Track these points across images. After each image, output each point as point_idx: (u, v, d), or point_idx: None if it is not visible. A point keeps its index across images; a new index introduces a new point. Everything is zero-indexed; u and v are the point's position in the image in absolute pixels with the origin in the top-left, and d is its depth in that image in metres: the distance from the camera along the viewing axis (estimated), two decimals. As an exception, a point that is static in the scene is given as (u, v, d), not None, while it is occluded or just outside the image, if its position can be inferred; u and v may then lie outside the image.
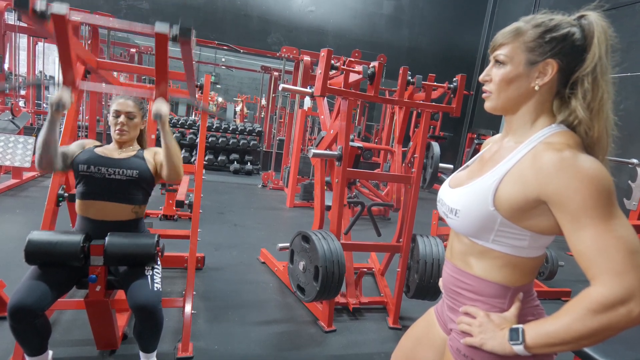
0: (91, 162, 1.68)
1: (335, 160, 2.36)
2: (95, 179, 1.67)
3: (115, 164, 1.70)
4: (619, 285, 0.68)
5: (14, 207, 3.93)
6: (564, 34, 0.81)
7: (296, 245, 2.29)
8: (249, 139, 7.40)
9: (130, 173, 1.70)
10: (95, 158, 1.69)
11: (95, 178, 1.67)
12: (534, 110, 0.86)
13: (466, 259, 0.91)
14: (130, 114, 1.77)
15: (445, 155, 5.46)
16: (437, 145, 4.22)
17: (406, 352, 1.15)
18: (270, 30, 7.76)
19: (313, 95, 2.42)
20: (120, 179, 1.69)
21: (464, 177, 0.95)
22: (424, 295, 2.39)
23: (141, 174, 1.73)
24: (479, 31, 8.90)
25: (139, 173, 1.72)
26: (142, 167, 1.74)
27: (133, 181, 1.71)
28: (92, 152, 1.73)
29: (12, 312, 1.42)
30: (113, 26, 1.88)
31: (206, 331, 2.21)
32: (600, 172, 0.72)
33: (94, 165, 1.67)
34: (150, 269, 1.66)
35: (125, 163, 1.72)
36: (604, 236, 0.70)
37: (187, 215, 4.11)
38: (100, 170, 1.67)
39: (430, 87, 2.67)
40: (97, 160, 1.69)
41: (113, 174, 1.68)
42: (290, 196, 5.44)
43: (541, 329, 0.76)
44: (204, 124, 2.48)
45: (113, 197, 1.69)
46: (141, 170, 1.73)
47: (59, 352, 1.86)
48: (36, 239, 1.53)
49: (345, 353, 2.20)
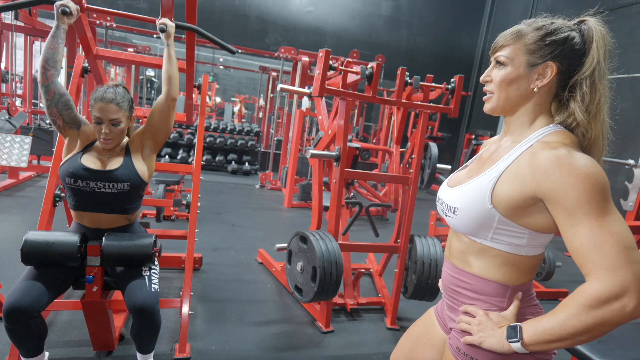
0: (78, 176, 1.56)
1: (333, 161, 2.36)
2: (84, 192, 1.59)
3: (105, 178, 1.59)
4: (613, 280, 0.69)
5: (10, 207, 3.91)
6: (564, 37, 0.83)
7: (294, 245, 2.28)
8: (247, 139, 7.39)
9: (122, 186, 1.61)
10: (81, 172, 1.57)
11: (84, 192, 1.59)
12: (532, 111, 0.88)
13: (465, 258, 0.92)
14: (114, 120, 1.58)
15: (443, 156, 5.47)
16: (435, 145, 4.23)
17: (406, 352, 1.16)
18: (268, 30, 7.75)
19: (311, 96, 2.42)
20: (111, 192, 1.61)
21: (462, 176, 0.96)
22: (422, 296, 2.39)
23: (132, 184, 1.64)
24: (477, 32, 8.92)
25: (130, 185, 1.63)
26: (132, 176, 1.64)
27: (124, 192, 1.63)
28: (78, 163, 1.58)
29: (7, 312, 1.41)
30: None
31: (203, 332, 2.21)
32: (595, 169, 0.74)
33: (81, 179, 1.57)
34: (147, 269, 1.65)
35: (114, 176, 1.60)
36: (598, 232, 0.71)
37: (184, 216, 4.11)
38: (89, 184, 1.58)
39: (428, 87, 2.68)
40: (84, 174, 1.57)
41: (103, 188, 1.59)
42: (288, 196, 5.43)
43: (538, 326, 0.77)
44: (202, 124, 2.47)
45: (105, 209, 1.64)
46: (132, 180, 1.64)
47: (55, 353, 1.86)
48: (32, 239, 1.52)
49: (343, 354, 2.20)
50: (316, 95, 2.27)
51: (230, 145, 7.26)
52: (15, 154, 3.77)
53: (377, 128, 8.18)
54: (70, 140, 1.67)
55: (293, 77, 6.38)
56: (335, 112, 2.81)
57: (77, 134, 1.67)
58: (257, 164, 7.63)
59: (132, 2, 7.00)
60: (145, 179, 1.70)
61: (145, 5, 7.05)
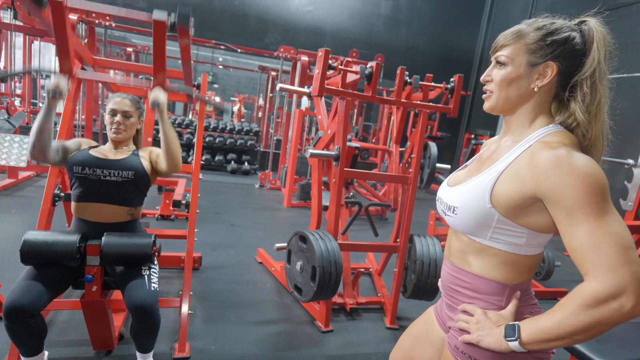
0: (86, 163, 1.65)
1: (333, 160, 2.36)
2: (91, 181, 1.65)
3: (111, 165, 1.67)
4: (611, 280, 0.69)
5: (9, 206, 3.91)
6: (565, 37, 0.83)
7: (293, 245, 2.28)
8: (247, 138, 7.39)
9: (126, 174, 1.68)
10: (90, 159, 1.67)
11: (91, 180, 1.65)
12: (532, 110, 0.88)
13: (465, 257, 0.93)
14: (127, 112, 1.74)
15: (442, 155, 5.47)
16: (435, 145, 4.23)
17: (405, 351, 1.16)
18: (268, 29, 7.75)
19: (310, 95, 2.42)
20: (116, 181, 1.67)
21: (462, 176, 0.97)
22: (421, 296, 2.40)
23: (137, 174, 1.71)
24: (477, 32, 8.91)
25: (134, 174, 1.70)
26: (137, 167, 1.72)
27: (129, 182, 1.69)
28: (87, 153, 1.70)
29: (7, 312, 1.41)
30: (111, 12, 1.87)
31: (203, 331, 2.21)
32: (594, 169, 0.74)
33: (88, 167, 1.65)
34: (147, 269, 1.66)
35: (120, 164, 1.69)
36: (597, 232, 0.72)
37: (184, 215, 4.11)
38: (96, 171, 1.65)
39: (428, 87, 2.68)
40: (92, 161, 1.66)
41: (108, 176, 1.66)
42: (288, 196, 5.43)
43: (536, 325, 0.78)
44: (201, 123, 2.47)
45: (109, 199, 1.68)
46: (137, 170, 1.71)
47: (54, 352, 1.86)
48: (32, 239, 1.52)
49: (343, 353, 2.20)
50: (315, 95, 2.27)
51: (229, 145, 7.26)
52: (14, 154, 3.76)
53: (377, 127, 8.18)
54: None
55: (292, 76, 6.38)
56: (335, 111, 2.81)
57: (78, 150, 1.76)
58: (257, 163, 7.63)
59: (131, 1, 7.00)
60: (149, 174, 1.77)
61: (144, 5, 7.05)
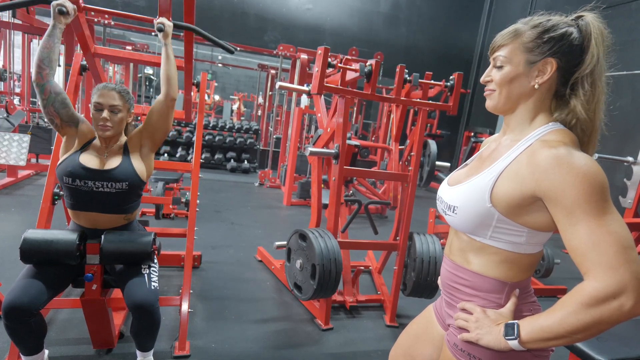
0: (76, 175, 1.55)
1: (332, 159, 2.36)
2: (83, 192, 1.58)
3: (103, 177, 1.58)
4: (611, 279, 0.70)
5: (9, 205, 3.91)
6: (562, 33, 0.83)
7: (293, 243, 2.29)
8: (246, 137, 7.38)
9: (120, 185, 1.60)
10: (79, 171, 1.56)
11: (83, 191, 1.57)
12: (532, 108, 0.88)
13: (465, 255, 0.93)
14: (115, 107, 1.59)
15: (442, 153, 5.46)
16: (434, 143, 4.23)
17: (405, 349, 1.16)
18: (267, 28, 7.73)
19: (310, 93, 2.42)
20: (109, 192, 1.59)
21: (462, 175, 0.96)
22: (421, 293, 2.40)
23: (131, 184, 1.63)
24: (476, 29, 8.90)
25: (128, 184, 1.62)
26: (130, 175, 1.63)
27: (123, 192, 1.62)
28: (77, 162, 1.57)
29: (7, 311, 1.41)
30: None
31: (203, 329, 2.21)
32: (594, 168, 0.74)
33: (79, 178, 1.56)
34: (146, 267, 1.65)
35: (112, 175, 1.59)
36: (597, 231, 0.72)
37: (183, 214, 4.11)
38: (87, 183, 1.56)
39: (427, 85, 2.67)
40: (82, 173, 1.56)
41: (101, 187, 1.58)
42: (287, 194, 5.43)
43: (535, 323, 0.78)
44: (201, 122, 2.47)
45: (103, 209, 1.62)
46: (130, 179, 1.62)
47: (54, 351, 1.86)
48: (32, 238, 1.52)
49: (342, 351, 2.20)
50: (315, 93, 2.27)
51: (229, 143, 7.26)
52: (13, 152, 3.76)
53: (376, 126, 8.18)
54: (68, 138, 1.66)
55: (292, 74, 6.37)
56: (334, 109, 2.81)
57: (75, 131, 1.66)
58: (256, 161, 7.63)
59: (131, 0, 6.98)
60: (144, 179, 1.69)
61: (143, 4, 7.03)
